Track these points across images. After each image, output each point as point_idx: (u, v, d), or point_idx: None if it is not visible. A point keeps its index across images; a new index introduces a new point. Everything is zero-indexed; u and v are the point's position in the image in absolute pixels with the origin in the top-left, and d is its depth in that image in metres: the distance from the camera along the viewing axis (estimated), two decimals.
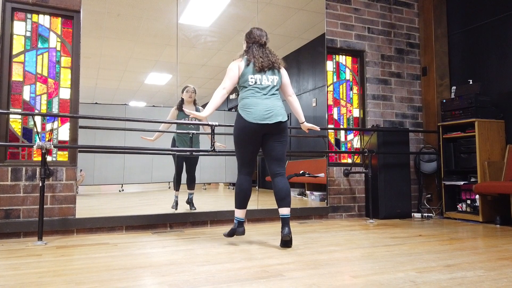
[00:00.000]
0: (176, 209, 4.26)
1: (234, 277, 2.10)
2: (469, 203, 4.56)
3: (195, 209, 4.40)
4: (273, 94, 3.02)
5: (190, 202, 4.49)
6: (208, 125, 3.96)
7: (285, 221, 2.91)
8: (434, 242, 3.14)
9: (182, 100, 4.52)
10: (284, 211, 2.94)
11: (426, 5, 5.40)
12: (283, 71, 3.15)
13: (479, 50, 4.94)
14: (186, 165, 4.59)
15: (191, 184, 4.61)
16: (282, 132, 3.01)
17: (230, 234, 3.13)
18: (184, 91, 4.53)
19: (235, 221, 3.10)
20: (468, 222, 4.41)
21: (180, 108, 4.48)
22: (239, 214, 3.08)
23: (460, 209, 4.67)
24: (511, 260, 2.50)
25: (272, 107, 2.95)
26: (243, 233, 3.10)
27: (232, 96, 6.60)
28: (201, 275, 2.15)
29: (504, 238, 3.35)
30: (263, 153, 3.11)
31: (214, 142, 3.90)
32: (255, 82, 2.98)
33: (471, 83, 4.74)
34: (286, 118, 3.02)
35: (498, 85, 4.68)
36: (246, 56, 3.06)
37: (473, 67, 5.00)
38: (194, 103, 4.57)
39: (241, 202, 3.06)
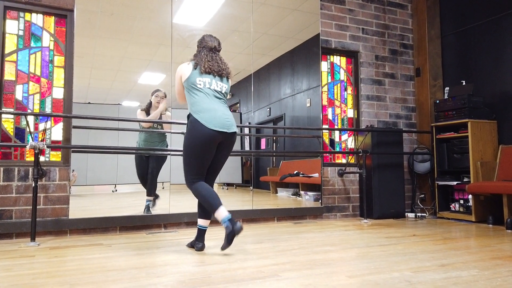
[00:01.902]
0: (152, 208, 4.12)
1: (230, 278, 2.10)
2: (462, 203, 4.60)
3: (150, 213, 4.11)
4: (225, 101, 2.91)
5: (148, 208, 4.17)
6: None
7: (203, 233, 2.93)
8: (428, 242, 3.16)
9: (150, 103, 4.37)
10: (206, 224, 2.93)
11: (420, 7, 5.44)
12: (229, 83, 3.02)
13: (472, 51, 4.98)
14: (149, 167, 4.35)
15: (150, 189, 4.30)
16: (233, 143, 2.89)
17: (230, 236, 2.64)
18: (154, 95, 4.35)
19: (224, 224, 2.64)
20: (461, 222, 4.45)
21: (147, 111, 4.35)
22: (222, 213, 2.66)
23: (453, 209, 4.70)
24: (505, 260, 2.52)
25: (229, 115, 2.82)
26: (241, 227, 2.62)
27: (228, 96, 6.58)
28: (197, 276, 2.14)
29: (497, 238, 3.38)
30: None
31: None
32: (204, 86, 2.83)
33: (464, 84, 4.78)
34: (237, 129, 2.90)
35: (491, 86, 4.72)
36: (193, 61, 2.93)
37: (466, 68, 5.04)
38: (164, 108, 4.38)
39: (214, 201, 2.70)
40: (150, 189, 4.30)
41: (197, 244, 2.85)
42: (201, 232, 2.90)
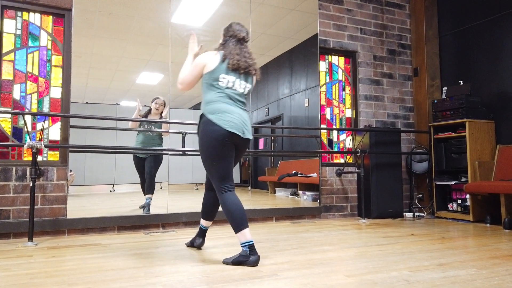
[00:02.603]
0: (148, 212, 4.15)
1: (228, 277, 2.10)
2: (460, 202, 4.61)
3: (149, 212, 4.13)
4: (244, 104, 2.64)
5: (145, 206, 4.22)
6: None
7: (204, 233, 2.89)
8: (426, 241, 3.17)
9: (150, 110, 4.46)
10: (207, 224, 2.87)
11: (418, 7, 5.45)
12: (254, 80, 2.73)
13: (470, 51, 4.99)
14: (146, 167, 4.39)
15: (149, 188, 4.34)
16: (245, 150, 2.66)
17: (237, 262, 2.39)
18: (153, 102, 4.44)
19: (243, 248, 2.39)
20: (459, 221, 4.46)
21: (146, 117, 4.42)
22: (245, 236, 2.40)
23: (451, 209, 4.71)
24: (502, 259, 2.53)
25: (245, 120, 2.56)
26: (257, 262, 2.37)
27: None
28: (196, 275, 2.14)
29: (495, 237, 3.39)
30: None
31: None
32: (226, 85, 2.54)
33: (461, 84, 4.79)
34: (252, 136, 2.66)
35: (488, 85, 4.74)
36: (222, 51, 2.59)
37: (463, 68, 5.06)
38: (161, 114, 4.46)
39: (239, 222, 2.41)
40: (148, 188, 4.31)
41: (197, 239, 2.85)
42: (202, 231, 2.89)
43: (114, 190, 5.40)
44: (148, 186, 4.31)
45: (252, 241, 2.41)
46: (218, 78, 2.53)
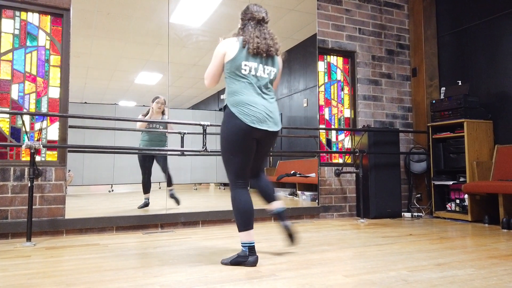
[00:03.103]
0: (142, 208, 4.24)
1: (227, 277, 2.10)
2: (458, 202, 4.61)
3: (179, 201, 4.38)
4: (271, 91, 2.52)
5: (173, 196, 4.45)
6: (199, 125, 3.95)
7: (283, 214, 2.61)
8: (424, 241, 3.17)
9: (152, 109, 4.54)
10: (280, 204, 2.61)
11: (416, 7, 5.46)
12: (280, 61, 2.60)
13: (468, 52, 5.00)
14: (160, 165, 4.53)
15: (170, 181, 4.55)
16: (273, 142, 2.56)
17: (235, 263, 2.36)
18: (155, 101, 4.51)
19: (242, 247, 2.37)
20: (457, 221, 4.46)
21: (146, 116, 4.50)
22: (247, 237, 2.36)
23: (449, 209, 4.72)
24: (501, 259, 2.54)
25: (272, 110, 2.45)
26: (256, 263, 2.34)
27: (223, 96, 6.58)
28: (194, 275, 2.14)
29: (493, 237, 3.39)
30: None
31: (205, 142, 3.88)
32: (250, 72, 2.40)
33: (460, 84, 4.80)
34: (281, 126, 2.55)
35: (487, 86, 4.75)
36: (241, 36, 2.46)
37: (462, 68, 5.06)
38: (163, 113, 4.56)
39: (244, 222, 2.39)
40: (169, 181, 4.49)
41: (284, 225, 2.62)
42: (280, 215, 2.63)
43: (112, 190, 5.40)
44: (168, 180, 4.48)
45: (254, 242, 2.38)
46: (240, 66, 2.39)
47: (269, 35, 2.49)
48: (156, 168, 4.59)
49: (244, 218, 2.39)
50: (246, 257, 2.34)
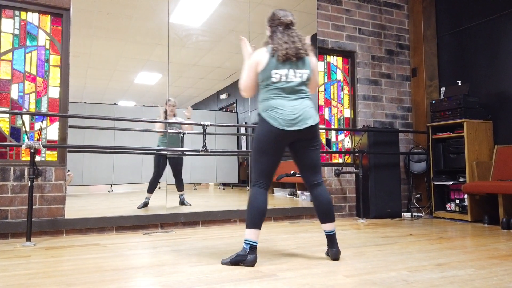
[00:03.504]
0: (142, 207, 4.26)
1: (227, 278, 2.09)
2: (458, 202, 4.62)
3: (190, 205, 4.43)
4: (302, 92, 2.51)
5: (183, 202, 4.51)
6: (199, 124, 3.95)
7: (331, 238, 2.53)
8: (424, 242, 3.17)
9: (166, 111, 4.63)
10: (329, 227, 2.53)
11: (416, 7, 5.46)
12: (313, 60, 2.58)
13: (468, 52, 5.01)
14: (171, 168, 4.58)
15: (180, 185, 4.61)
16: (314, 138, 2.52)
17: (234, 262, 2.38)
18: (167, 104, 4.60)
19: (244, 245, 2.39)
20: (457, 221, 4.47)
21: (165, 119, 4.58)
22: (253, 235, 2.39)
23: (449, 209, 4.72)
24: (501, 259, 2.54)
25: (301, 109, 2.45)
26: (254, 262, 2.35)
27: (223, 96, 6.59)
28: (194, 276, 2.14)
29: (493, 237, 3.39)
30: (295, 162, 2.60)
31: (205, 142, 3.88)
32: (280, 80, 2.45)
33: (459, 84, 4.80)
34: (318, 120, 2.51)
35: (486, 86, 4.75)
36: (271, 45, 2.50)
37: (461, 68, 5.07)
38: (174, 115, 4.65)
39: (253, 220, 2.41)
40: (181, 185, 4.59)
41: (331, 250, 2.54)
42: (329, 237, 2.56)
43: (112, 190, 5.39)
44: (180, 184, 4.58)
45: (257, 243, 2.40)
46: (270, 76, 2.46)
47: (297, 38, 2.51)
48: (152, 167, 4.58)
49: (255, 217, 2.42)
50: (245, 256, 2.36)
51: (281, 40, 2.46)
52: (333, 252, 2.51)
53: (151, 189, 4.40)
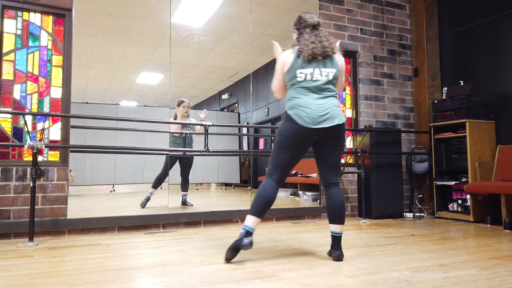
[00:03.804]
0: (144, 206, 4.27)
1: (229, 278, 2.09)
2: (460, 203, 4.61)
3: (192, 205, 4.45)
4: (328, 91, 2.52)
5: (185, 202, 4.51)
6: (201, 125, 3.95)
7: (336, 240, 2.52)
8: (426, 242, 3.17)
9: (178, 114, 4.70)
10: (337, 229, 2.53)
11: (418, 7, 5.45)
12: (341, 60, 2.61)
13: (470, 52, 5.00)
14: (181, 167, 4.64)
15: (186, 185, 4.66)
16: (339, 136, 2.54)
17: (233, 248, 2.44)
18: (181, 106, 4.68)
19: (242, 230, 2.47)
20: (459, 221, 4.46)
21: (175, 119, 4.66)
22: (251, 222, 2.48)
23: (451, 209, 4.71)
24: (503, 259, 2.53)
25: (328, 107, 2.46)
26: (249, 245, 2.42)
27: (225, 97, 6.59)
28: (196, 276, 2.14)
29: (495, 238, 3.39)
30: (316, 160, 2.64)
31: (207, 142, 3.88)
32: (305, 78, 2.49)
33: (462, 84, 4.79)
34: (344, 119, 2.52)
35: (489, 86, 4.74)
36: (297, 46, 2.55)
37: (464, 68, 5.06)
38: (188, 116, 4.75)
39: (258, 208, 2.49)
40: (187, 186, 4.71)
41: (334, 252, 2.53)
42: (335, 239, 2.56)
43: (114, 190, 5.40)
44: (186, 184, 4.70)
45: (253, 230, 2.48)
46: (295, 75, 2.51)
47: (325, 38, 2.55)
48: (159, 167, 4.60)
49: (258, 205, 2.50)
50: (241, 240, 2.42)
51: (307, 41, 2.51)
52: (336, 254, 2.50)
53: (156, 185, 4.44)
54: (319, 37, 2.53)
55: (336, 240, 2.54)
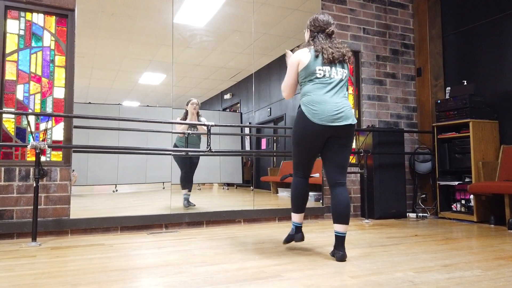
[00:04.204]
0: (188, 206, 4.33)
1: (232, 278, 2.09)
2: (464, 203, 4.59)
3: (194, 205, 4.48)
4: (342, 90, 2.62)
5: (187, 201, 4.56)
6: (204, 125, 3.95)
7: (340, 240, 2.54)
8: (430, 242, 3.15)
9: (187, 112, 4.68)
10: (341, 229, 2.55)
11: (421, 6, 5.43)
12: (348, 67, 2.75)
13: (473, 51, 4.97)
14: (192, 166, 4.72)
15: (189, 185, 4.69)
16: (350, 137, 2.62)
17: (287, 240, 2.85)
18: (189, 103, 4.67)
19: (292, 226, 2.84)
20: (463, 222, 4.44)
21: (185, 119, 4.65)
22: (296, 218, 2.81)
23: (455, 209, 4.69)
24: (508, 260, 2.51)
25: (342, 106, 2.54)
26: (301, 239, 2.81)
27: (227, 97, 6.59)
28: (199, 276, 2.13)
29: (499, 238, 3.37)
30: (323, 158, 2.68)
31: (210, 142, 3.88)
32: (324, 75, 2.57)
33: (465, 83, 4.77)
34: (355, 121, 2.61)
35: (492, 85, 4.71)
36: (313, 47, 2.62)
37: (467, 68, 5.03)
38: (198, 114, 4.74)
39: (297, 205, 2.78)
40: (191, 184, 4.75)
41: (337, 253, 2.54)
42: (339, 239, 2.56)
43: (116, 190, 5.41)
44: (191, 182, 4.73)
45: (301, 224, 2.82)
46: (314, 71, 2.57)
47: (340, 45, 2.66)
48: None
49: (295, 203, 2.79)
50: (293, 235, 2.82)
51: (325, 45, 2.60)
52: (339, 255, 2.51)
53: (184, 186, 4.56)
54: (335, 44, 2.64)
55: (340, 240, 2.54)
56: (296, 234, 2.81)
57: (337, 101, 2.54)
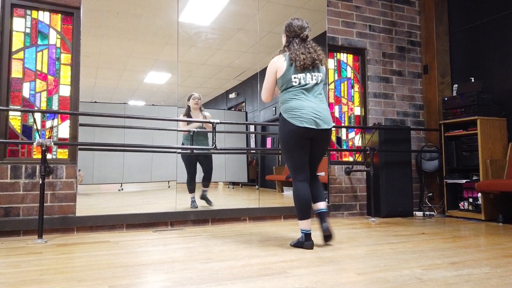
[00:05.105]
0: (197, 207, 4.36)
1: (238, 274, 2.08)
2: (471, 201, 4.54)
3: (212, 203, 4.49)
4: (318, 93, 2.79)
5: (205, 197, 4.57)
6: (209, 122, 3.94)
7: (324, 215, 2.82)
8: (437, 240, 3.12)
9: (189, 107, 4.64)
10: (322, 205, 2.83)
11: (428, 3, 5.38)
12: (324, 69, 2.89)
13: (481, 48, 4.92)
14: (203, 166, 4.72)
15: (208, 182, 4.76)
16: (326, 140, 2.84)
17: (295, 245, 2.82)
18: (191, 98, 4.64)
19: (301, 233, 2.78)
20: (470, 220, 4.39)
21: (188, 115, 4.61)
22: (304, 225, 2.76)
23: (462, 208, 4.64)
24: None
25: (320, 111, 2.73)
26: (311, 247, 2.73)
27: (232, 96, 6.58)
28: (205, 272, 2.12)
29: (508, 236, 3.32)
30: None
31: (215, 140, 3.87)
32: (299, 83, 2.74)
33: (472, 81, 4.72)
34: (332, 125, 2.80)
35: (500, 82, 4.66)
36: (288, 53, 2.79)
37: (474, 65, 4.98)
38: (200, 109, 4.69)
39: (302, 212, 2.76)
40: (209, 181, 4.79)
41: (323, 224, 2.84)
42: (321, 215, 2.85)
43: (122, 189, 5.42)
44: (209, 180, 4.76)
45: (310, 230, 2.76)
46: (290, 80, 2.75)
47: (313, 50, 2.80)
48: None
49: (301, 209, 2.77)
50: (303, 242, 2.75)
51: (298, 51, 2.74)
52: (325, 226, 2.78)
53: (191, 190, 4.53)
54: (307, 48, 2.77)
55: (323, 215, 2.81)
56: (307, 242, 2.74)
57: (314, 106, 2.72)
